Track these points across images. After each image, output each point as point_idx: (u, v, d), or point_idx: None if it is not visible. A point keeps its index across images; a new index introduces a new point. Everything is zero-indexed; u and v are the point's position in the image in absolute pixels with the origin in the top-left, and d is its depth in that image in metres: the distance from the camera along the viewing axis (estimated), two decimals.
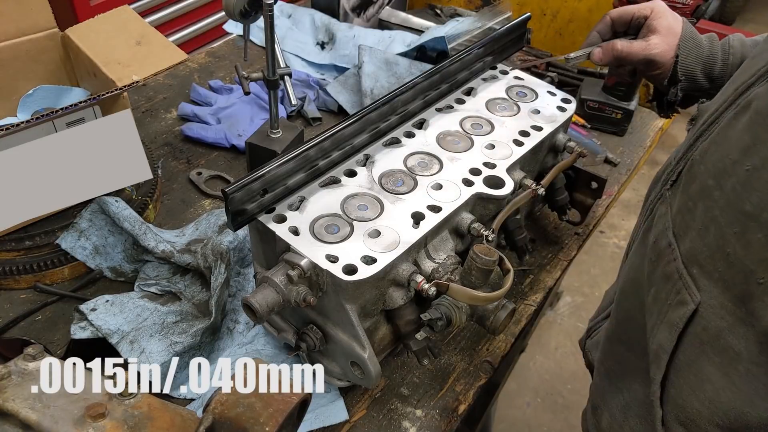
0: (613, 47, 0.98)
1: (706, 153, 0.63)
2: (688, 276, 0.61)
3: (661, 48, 0.94)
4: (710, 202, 0.60)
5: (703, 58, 0.94)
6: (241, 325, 0.96)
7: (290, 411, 0.59)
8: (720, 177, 0.59)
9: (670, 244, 0.65)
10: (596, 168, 1.13)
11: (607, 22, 1.01)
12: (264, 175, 0.77)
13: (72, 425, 0.54)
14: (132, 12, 1.13)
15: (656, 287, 0.67)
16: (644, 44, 0.95)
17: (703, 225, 0.60)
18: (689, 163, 0.67)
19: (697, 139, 0.67)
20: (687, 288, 0.61)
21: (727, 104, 0.63)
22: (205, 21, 2.59)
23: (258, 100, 1.42)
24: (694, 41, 0.94)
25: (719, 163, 0.60)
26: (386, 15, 1.75)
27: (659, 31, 0.95)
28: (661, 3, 0.98)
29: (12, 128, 0.90)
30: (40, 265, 0.99)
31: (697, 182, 0.63)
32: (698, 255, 0.61)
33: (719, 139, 0.62)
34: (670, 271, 0.64)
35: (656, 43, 0.95)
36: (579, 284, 2.86)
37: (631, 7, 0.98)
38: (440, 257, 0.83)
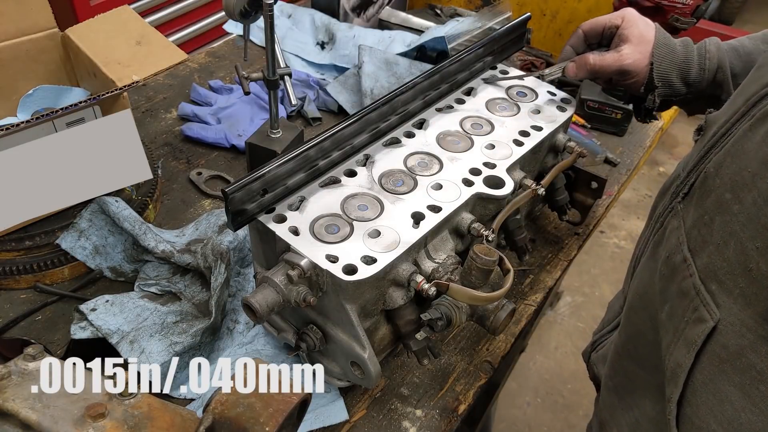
0: (586, 61, 0.97)
1: (721, 166, 0.62)
2: (706, 292, 0.60)
3: (633, 57, 0.94)
4: (729, 216, 0.58)
5: (678, 64, 0.94)
6: (241, 325, 0.96)
7: (290, 411, 0.59)
8: (739, 190, 0.58)
9: (685, 259, 0.63)
10: (596, 168, 1.13)
11: (580, 35, 1.00)
12: (264, 175, 0.77)
13: (72, 425, 0.54)
14: (132, 12, 1.12)
15: (671, 303, 0.65)
16: (616, 55, 0.94)
17: (722, 240, 0.59)
18: (702, 176, 0.65)
19: (709, 150, 0.65)
20: (705, 305, 0.59)
21: (739, 115, 0.62)
22: (205, 21, 2.59)
23: (258, 100, 1.42)
24: (667, 47, 0.94)
25: (737, 177, 0.58)
26: (386, 15, 1.75)
27: (631, 40, 0.94)
28: (631, 11, 0.97)
29: (12, 128, 0.90)
30: (40, 265, 0.99)
31: (713, 196, 0.62)
32: (717, 271, 0.59)
33: (735, 152, 0.60)
34: (687, 288, 0.62)
35: (628, 53, 0.94)
36: (579, 284, 2.86)
37: (602, 18, 0.97)
38: (440, 257, 0.83)
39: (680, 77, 0.94)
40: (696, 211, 0.65)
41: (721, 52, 0.93)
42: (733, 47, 0.94)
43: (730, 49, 0.94)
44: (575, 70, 0.98)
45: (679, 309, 0.63)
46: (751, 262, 0.55)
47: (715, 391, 0.59)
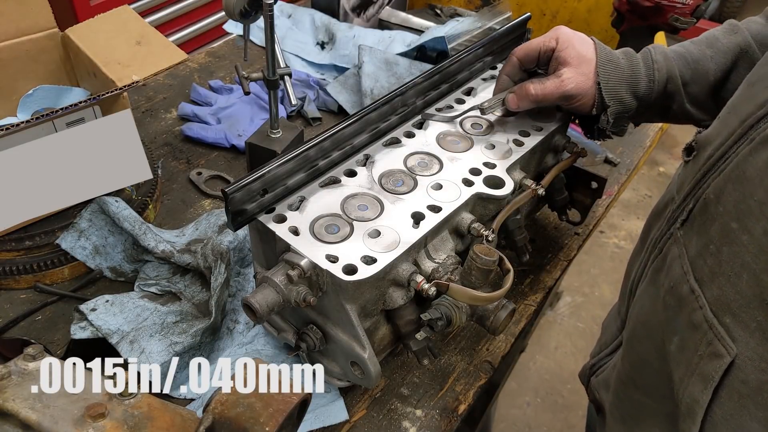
0: (527, 92, 0.90)
1: (722, 192, 0.59)
2: (720, 326, 0.57)
3: (575, 81, 0.88)
4: (738, 247, 0.56)
5: (625, 78, 0.89)
6: (241, 325, 0.96)
7: (290, 411, 0.59)
8: (745, 219, 0.55)
9: (693, 290, 0.61)
10: (596, 168, 1.13)
11: (515, 63, 0.94)
12: (264, 175, 0.77)
13: (72, 425, 0.54)
14: (132, 12, 1.13)
15: (681, 336, 0.63)
16: (557, 81, 0.89)
17: (733, 272, 0.57)
18: (702, 203, 0.63)
19: (706, 174, 0.63)
20: (720, 339, 0.57)
21: (736, 137, 0.60)
22: (205, 21, 2.59)
23: (258, 100, 1.42)
24: (611, 63, 0.89)
25: (742, 205, 0.56)
26: (386, 15, 1.75)
27: (570, 63, 0.89)
28: (564, 30, 0.92)
29: (12, 128, 0.90)
30: (40, 265, 0.99)
31: (717, 224, 0.59)
32: (730, 303, 0.57)
33: (737, 178, 0.58)
34: (697, 321, 0.60)
35: (569, 77, 0.88)
36: (579, 284, 2.86)
37: (536, 43, 0.92)
38: (440, 257, 0.83)
39: (630, 92, 0.90)
40: (699, 239, 0.62)
41: (669, 61, 0.89)
42: (680, 54, 0.90)
43: (678, 57, 0.90)
44: (516, 101, 0.93)
45: (690, 342, 0.61)
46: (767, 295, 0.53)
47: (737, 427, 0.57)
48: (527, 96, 0.91)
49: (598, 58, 0.89)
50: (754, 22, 0.90)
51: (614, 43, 1.72)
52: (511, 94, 0.94)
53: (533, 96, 0.90)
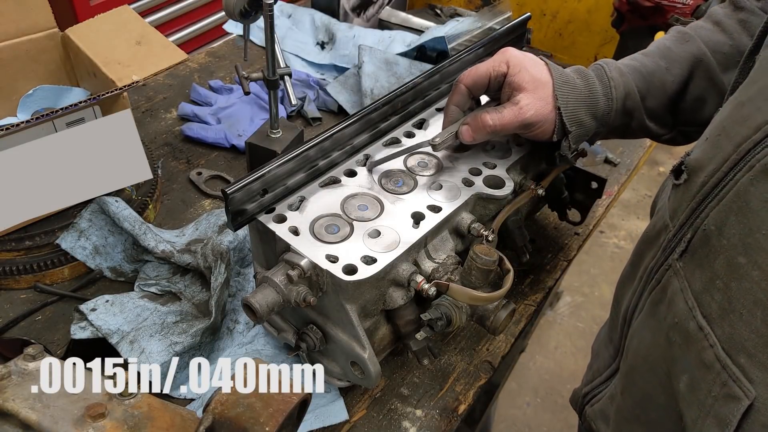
0: (483, 123, 0.82)
1: (724, 224, 0.57)
2: (734, 366, 0.55)
3: (534, 107, 0.81)
4: (749, 283, 0.54)
5: (583, 99, 0.83)
6: (241, 325, 0.96)
7: (290, 411, 0.59)
8: (755, 255, 0.53)
9: (701, 328, 0.58)
10: (596, 168, 1.13)
11: (463, 92, 0.86)
12: (264, 175, 0.77)
13: (72, 425, 0.54)
14: (132, 12, 1.13)
15: (690, 375, 0.60)
16: (515, 109, 0.82)
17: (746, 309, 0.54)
18: (701, 233, 0.60)
19: (702, 202, 0.60)
20: (736, 380, 0.55)
21: (731, 163, 0.57)
22: (205, 21, 2.59)
23: (258, 100, 1.42)
24: (568, 84, 0.83)
25: (748, 239, 0.54)
26: (386, 15, 1.75)
27: (525, 88, 0.82)
28: (513, 52, 0.85)
29: (12, 128, 0.90)
30: (40, 265, 0.99)
31: (722, 258, 0.57)
32: (745, 342, 0.54)
33: (739, 209, 0.55)
34: (709, 360, 0.57)
35: (527, 104, 0.81)
36: (579, 284, 2.86)
37: (484, 68, 0.85)
38: (440, 257, 0.83)
39: (589, 113, 0.84)
40: (703, 273, 0.59)
41: (624, 77, 0.85)
42: (635, 68, 0.86)
43: (632, 71, 0.86)
44: (471, 133, 0.84)
45: (702, 382, 0.59)
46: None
47: None
48: (484, 127, 0.83)
49: (554, 81, 0.83)
50: (703, 28, 0.88)
51: (614, 43, 1.72)
52: (464, 125, 0.85)
53: (491, 127, 0.82)
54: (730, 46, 0.84)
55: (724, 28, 0.86)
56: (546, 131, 0.84)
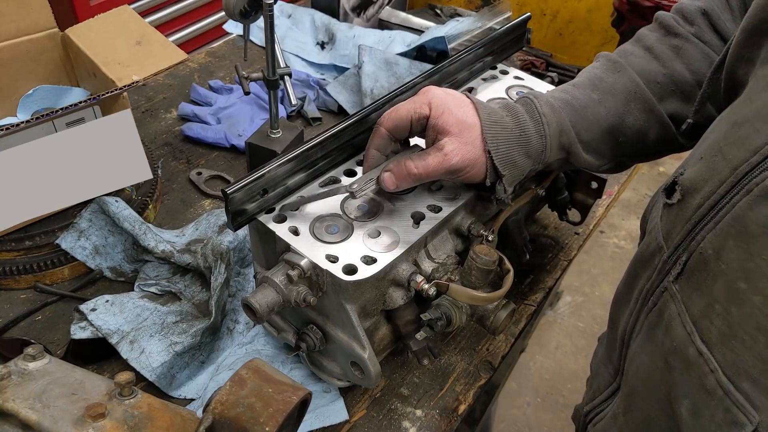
0: (408, 171, 0.78)
1: (722, 249, 0.56)
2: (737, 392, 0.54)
3: (460, 153, 0.77)
4: (750, 309, 0.53)
5: (514, 139, 0.79)
6: (241, 325, 0.96)
7: (290, 411, 0.59)
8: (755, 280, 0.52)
9: (701, 353, 0.57)
10: None
11: (383, 135, 0.81)
12: (264, 175, 0.77)
13: (72, 425, 0.54)
14: (132, 12, 1.13)
15: (692, 400, 0.59)
16: (440, 156, 0.77)
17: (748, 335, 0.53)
18: (698, 257, 0.59)
19: (697, 225, 0.59)
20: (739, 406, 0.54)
21: (728, 186, 0.56)
22: (205, 21, 2.59)
23: (258, 100, 1.42)
24: (498, 125, 0.79)
25: (749, 264, 0.53)
26: (386, 15, 1.75)
27: (449, 131, 0.77)
28: (435, 92, 0.80)
29: (12, 128, 0.90)
30: (40, 265, 0.99)
31: (721, 283, 0.56)
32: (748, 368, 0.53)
33: (738, 234, 0.54)
34: (711, 386, 0.56)
35: (452, 149, 0.77)
36: (579, 284, 2.86)
37: (405, 110, 0.79)
38: (440, 257, 0.83)
39: (522, 152, 0.80)
40: (701, 298, 0.59)
41: (557, 112, 0.81)
42: (566, 102, 0.82)
43: (564, 105, 0.82)
44: (395, 180, 0.79)
45: (705, 409, 0.58)
46: None
47: None
48: (408, 175, 0.78)
49: (482, 122, 0.79)
50: (633, 54, 0.85)
51: (614, 43, 1.72)
52: (386, 173, 0.79)
53: (415, 175, 0.78)
54: (663, 75, 0.82)
55: (656, 55, 0.84)
56: (476, 175, 0.80)
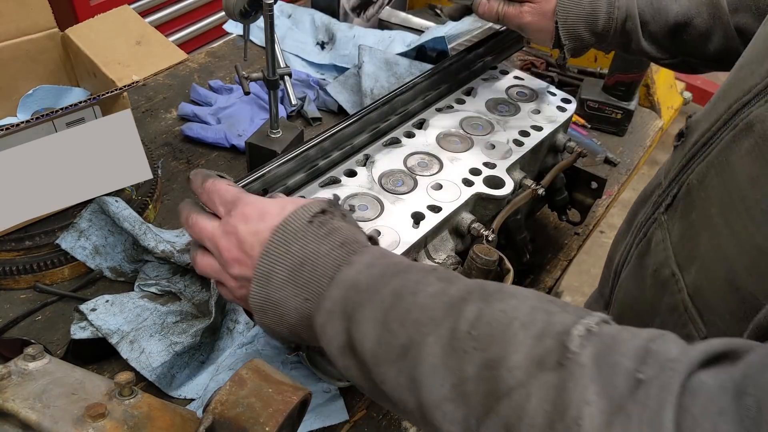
0: (495, 6, 0.96)
1: (704, 178, 0.61)
2: (694, 309, 0.59)
3: (531, 16, 0.93)
4: (714, 233, 0.57)
5: (584, 16, 0.91)
6: (241, 325, 0.96)
7: (290, 411, 0.59)
8: (725, 207, 0.56)
9: (673, 274, 0.63)
10: (596, 168, 1.13)
11: None
12: (264, 175, 0.77)
13: (72, 425, 0.54)
14: (132, 12, 1.12)
15: (662, 318, 0.65)
16: (517, 11, 0.94)
17: (709, 257, 0.58)
18: (686, 188, 0.64)
19: (691, 160, 0.64)
20: (693, 322, 0.59)
21: (721, 123, 0.60)
22: (205, 21, 2.59)
23: (258, 100, 1.42)
24: (572, 1, 0.91)
25: (723, 193, 0.57)
26: (386, 15, 1.75)
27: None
28: None
29: (12, 128, 0.90)
30: (40, 265, 0.99)
31: (698, 210, 0.61)
32: (703, 288, 0.58)
33: (719, 164, 0.59)
34: (676, 303, 0.62)
35: (527, 11, 0.93)
36: (579, 284, 2.86)
37: None
38: (440, 257, 0.83)
39: (588, 29, 0.92)
40: (681, 224, 0.63)
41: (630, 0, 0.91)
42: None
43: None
44: (486, 9, 0.96)
45: (669, 325, 0.62)
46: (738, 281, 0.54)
47: None
48: (493, 9, 0.96)
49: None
50: None
51: None
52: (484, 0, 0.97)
53: (496, 12, 0.95)
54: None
55: None
56: (543, 39, 0.96)
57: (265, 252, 0.57)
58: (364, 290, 0.53)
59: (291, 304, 0.57)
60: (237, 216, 0.61)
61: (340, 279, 0.54)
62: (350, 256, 0.56)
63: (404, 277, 0.52)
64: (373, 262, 0.55)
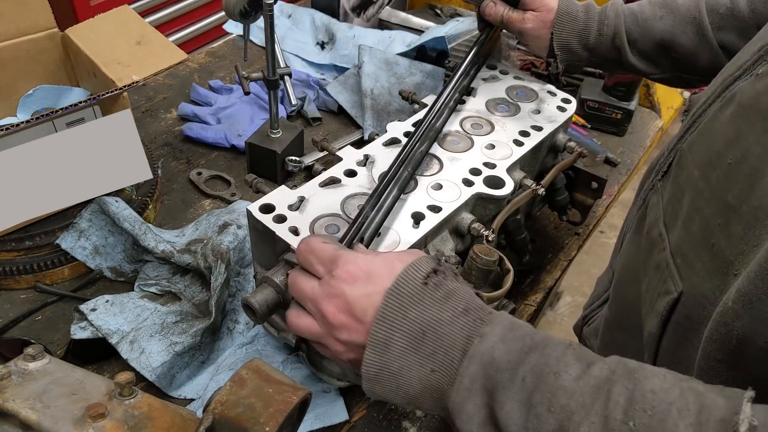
0: (500, 10, 1.03)
1: (693, 144, 0.65)
2: (674, 265, 0.63)
3: (532, 23, 1.00)
4: (695, 192, 0.61)
5: (578, 31, 0.99)
6: (241, 325, 0.96)
7: (290, 411, 0.59)
8: (705, 168, 0.60)
9: (660, 234, 0.67)
10: (596, 168, 1.13)
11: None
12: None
13: (72, 425, 0.54)
14: (132, 12, 1.13)
15: (649, 276, 0.68)
16: (520, 17, 1.01)
17: (689, 215, 0.61)
18: (678, 154, 0.69)
19: (687, 130, 0.68)
20: (671, 278, 0.62)
21: (714, 97, 0.64)
22: (205, 21, 2.59)
23: (258, 100, 1.42)
24: (569, 15, 0.99)
25: (704, 155, 0.61)
26: (386, 15, 1.75)
27: (534, 7, 1.00)
28: None
29: (12, 128, 0.90)
30: (40, 265, 0.99)
31: (685, 173, 0.65)
32: (682, 245, 0.62)
33: (705, 131, 0.64)
34: (660, 261, 0.65)
35: (529, 18, 1.00)
36: (579, 284, 2.86)
37: None
38: (440, 257, 0.83)
39: (580, 43, 0.99)
40: (671, 187, 0.67)
41: (618, 18, 0.97)
42: (633, 12, 0.98)
43: (630, 14, 0.98)
44: (491, 11, 1.03)
45: (653, 282, 0.66)
46: (713, 238, 0.57)
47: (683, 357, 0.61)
48: (497, 12, 1.03)
49: (558, 8, 0.99)
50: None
51: None
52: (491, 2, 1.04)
53: (500, 16, 1.03)
54: (726, 7, 0.92)
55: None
56: (540, 47, 1.03)
57: (381, 318, 0.55)
58: (504, 369, 0.51)
59: (413, 374, 0.54)
60: (341, 276, 0.58)
61: (475, 354, 0.52)
62: (480, 327, 0.53)
63: (542, 354, 0.51)
64: (506, 335, 0.53)
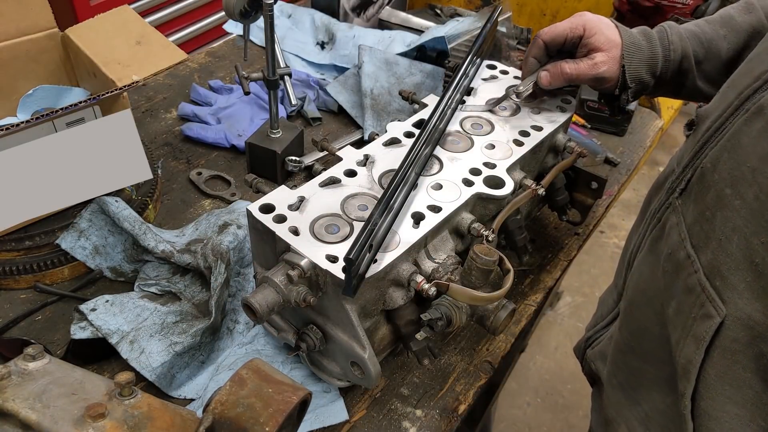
0: (562, 70, 0.96)
1: (718, 161, 0.62)
2: (712, 288, 0.60)
3: (608, 65, 0.94)
4: (730, 211, 0.59)
5: (645, 60, 0.95)
6: (241, 325, 0.96)
7: (290, 411, 0.59)
8: (739, 186, 0.58)
9: (689, 256, 0.64)
10: (596, 168, 1.13)
11: (541, 46, 0.99)
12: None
13: (72, 425, 0.54)
14: (132, 12, 1.13)
15: (678, 300, 0.66)
16: (591, 63, 0.94)
17: (725, 236, 0.59)
18: (699, 172, 0.66)
19: (704, 146, 0.66)
20: (711, 301, 0.60)
21: (732, 109, 0.62)
22: (205, 21, 2.59)
23: (258, 100, 1.42)
24: (635, 46, 0.94)
25: (736, 172, 0.59)
26: (386, 15, 1.75)
27: (601, 48, 0.94)
28: (589, 17, 0.97)
29: (12, 128, 0.90)
30: (40, 265, 0.99)
31: (713, 191, 0.62)
32: (721, 267, 0.60)
33: (732, 147, 0.61)
34: (692, 284, 0.63)
35: (602, 61, 0.94)
36: (579, 284, 2.86)
37: (563, 29, 0.96)
38: (440, 257, 0.83)
39: (649, 72, 0.96)
40: (696, 207, 0.65)
41: (683, 42, 0.94)
42: (695, 34, 0.95)
43: (692, 36, 0.95)
44: (549, 78, 0.98)
45: (685, 306, 0.64)
46: (756, 257, 0.56)
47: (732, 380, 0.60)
48: (562, 74, 0.96)
49: (623, 42, 0.94)
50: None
51: None
52: (543, 71, 0.98)
53: (567, 74, 0.96)
54: None
55: None
56: (612, 86, 0.97)
57: None
58: None
59: None
60: None
61: None
62: None
63: None
64: None
